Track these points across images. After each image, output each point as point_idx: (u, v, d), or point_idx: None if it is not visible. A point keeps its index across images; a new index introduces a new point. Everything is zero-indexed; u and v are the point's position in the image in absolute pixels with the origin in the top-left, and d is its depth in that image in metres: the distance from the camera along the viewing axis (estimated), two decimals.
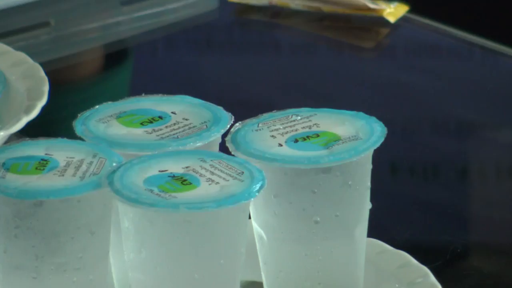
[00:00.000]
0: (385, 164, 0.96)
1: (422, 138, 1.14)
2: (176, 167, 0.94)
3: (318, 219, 0.95)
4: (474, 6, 1.64)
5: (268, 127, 0.97)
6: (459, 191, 1.19)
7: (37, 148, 0.98)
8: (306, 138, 0.97)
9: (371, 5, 1.25)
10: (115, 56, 1.33)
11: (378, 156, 0.95)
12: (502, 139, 1.23)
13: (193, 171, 0.93)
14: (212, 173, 0.92)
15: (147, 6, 1.29)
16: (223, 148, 0.96)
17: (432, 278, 0.96)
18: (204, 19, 1.32)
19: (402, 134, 0.99)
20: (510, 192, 1.18)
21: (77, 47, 1.27)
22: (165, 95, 1.03)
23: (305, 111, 0.99)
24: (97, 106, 1.03)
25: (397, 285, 0.97)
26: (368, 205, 0.96)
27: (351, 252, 0.97)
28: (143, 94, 1.02)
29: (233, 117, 0.97)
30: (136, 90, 1.04)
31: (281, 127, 0.97)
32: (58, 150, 0.97)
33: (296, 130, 0.98)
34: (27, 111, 1.09)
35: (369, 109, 0.98)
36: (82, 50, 1.27)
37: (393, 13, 1.23)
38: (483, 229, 1.16)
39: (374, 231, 0.97)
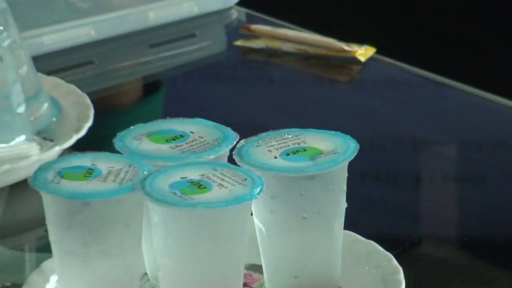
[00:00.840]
0: (357, 172, 0.97)
1: (386, 152, 1.15)
2: (193, 175, 0.94)
3: (305, 215, 0.95)
4: (428, 47, 1.61)
5: (265, 144, 0.97)
6: (414, 193, 1.19)
7: (85, 159, 0.97)
8: (295, 152, 0.97)
9: (346, 48, 1.25)
10: (145, 87, 1.34)
11: (352, 166, 0.95)
12: (447, 152, 1.24)
13: (207, 178, 0.93)
14: (222, 180, 0.93)
15: (170, 48, 1.29)
16: (231, 160, 0.96)
17: (395, 262, 0.96)
18: (215, 58, 1.33)
19: (371, 149, 1.00)
20: (452, 193, 1.19)
21: (115, 80, 1.27)
22: (185, 118, 1.03)
23: (294, 131, 0.99)
24: (131, 127, 1.03)
25: (367, 267, 0.97)
26: (344, 205, 0.96)
27: (330, 241, 0.97)
28: (167, 118, 1.02)
29: (238, 135, 0.98)
30: (164, 114, 1.05)
31: (276, 144, 0.97)
32: (102, 161, 0.97)
33: (287, 145, 0.98)
34: (77, 130, 1.10)
35: (345, 129, 0.98)
36: (119, 83, 1.27)
37: (363, 53, 1.23)
38: (433, 223, 1.17)
39: (349, 225, 0.97)
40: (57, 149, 1.08)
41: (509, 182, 1.17)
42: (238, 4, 1.31)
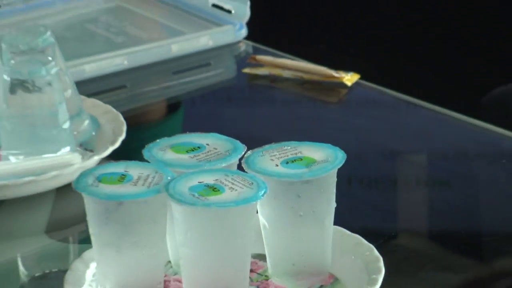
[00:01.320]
0: (344, 177, 0.97)
1: (368, 160, 1.17)
2: (209, 180, 0.94)
3: (301, 213, 0.95)
4: (401, 74, 1.60)
5: (268, 154, 0.98)
6: (392, 195, 1.20)
7: (119, 167, 0.98)
8: (293, 161, 0.97)
9: (335, 74, 1.25)
10: (168, 107, 1.34)
11: (340, 172, 0.95)
12: (418, 161, 1.24)
13: (220, 182, 0.93)
14: (233, 184, 0.93)
15: (189, 75, 1.29)
16: (240, 167, 0.97)
17: (376, 252, 0.96)
18: (226, 83, 1.34)
19: (356, 158, 1.00)
20: (422, 195, 1.19)
21: (144, 101, 1.27)
22: (201, 133, 1.03)
23: (292, 143, 0.99)
24: (157, 140, 1.03)
25: (353, 257, 0.97)
26: (334, 204, 0.96)
27: (322, 235, 0.97)
28: (187, 132, 1.03)
29: (245, 147, 0.98)
30: (184, 129, 1.05)
31: (277, 154, 0.97)
32: (133, 169, 0.97)
33: (287, 155, 0.98)
34: (112, 143, 1.11)
35: (334, 142, 0.98)
36: (147, 103, 1.28)
37: (349, 79, 1.23)
38: (407, 220, 1.17)
39: (338, 221, 0.98)
40: (96, 158, 1.09)
41: (469, 185, 1.18)
42: (246, 38, 1.32)
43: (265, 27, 1.37)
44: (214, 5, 1.32)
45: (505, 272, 0.40)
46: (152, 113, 1.38)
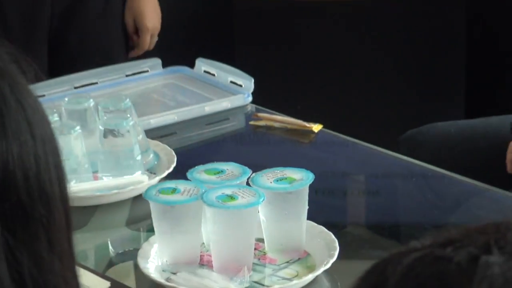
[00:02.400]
0: (313, 189, 0.98)
1: (328, 178, 1.15)
2: (228, 191, 0.94)
3: (286, 212, 0.96)
4: (347, 121, 1.62)
5: (265, 175, 0.97)
6: (346, 199, 1.20)
7: (172, 184, 0.98)
8: (281, 179, 0.97)
9: (307, 125, 1.24)
10: None
11: (310, 186, 0.96)
12: (363, 178, 1.24)
13: (235, 193, 0.93)
14: (243, 194, 0.93)
15: (215, 125, 1.30)
16: (247, 183, 0.98)
17: (333, 236, 0.96)
18: (239, 131, 1.33)
19: (320, 177, 0.99)
20: (363, 201, 1.20)
21: (187, 142, 1.30)
22: (224, 162, 1.05)
23: (280, 169, 0.99)
24: (196, 167, 1.02)
25: (318, 240, 0.97)
26: (306, 206, 0.97)
27: (300, 226, 0.97)
28: (214, 162, 1.04)
29: (251, 171, 0.99)
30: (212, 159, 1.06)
31: (271, 175, 0.97)
32: (180, 185, 0.97)
33: (277, 176, 0.97)
34: (167, 168, 1.11)
35: (307, 167, 0.99)
36: (189, 143, 1.28)
37: (316, 128, 1.22)
38: (353, 217, 1.17)
39: (309, 217, 0.98)
40: (157, 178, 1.08)
41: (391, 194, 1.18)
42: (251, 102, 1.33)
43: (263, 95, 1.37)
44: (232, 82, 1.35)
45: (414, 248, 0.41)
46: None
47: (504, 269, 0.38)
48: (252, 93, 1.32)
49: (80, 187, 1.04)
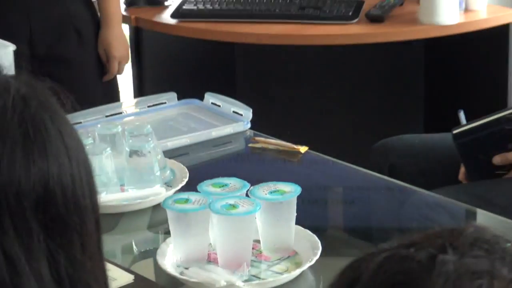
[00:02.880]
0: (300, 200, 0.97)
1: (313, 191, 1.14)
2: (231, 201, 0.94)
3: (278, 219, 0.96)
4: (322, 142, 1.53)
5: (262, 188, 0.97)
6: (325, 208, 1.19)
7: (185, 195, 0.97)
8: (274, 191, 0.96)
9: (295, 146, 1.23)
10: None
11: (298, 197, 0.95)
12: (338, 191, 1.24)
13: (237, 203, 0.93)
14: (243, 204, 0.93)
15: (220, 147, 1.29)
16: (247, 195, 0.97)
17: (316, 238, 0.95)
18: (240, 152, 1.32)
19: (306, 191, 0.99)
20: (341, 209, 1.19)
21: (197, 161, 1.28)
22: (228, 177, 1.03)
23: (274, 183, 0.98)
24: (205, 181, 1.01)
25: (304, 241, 0.96)
26: (295, 214, 0.96)
27: (289, 230, 0.96)
28: (219, 177, 1.03)
29: (250, 184, 0.98)
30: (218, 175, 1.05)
31: (266, 188, 0.97)
32: (192, 196, 0.96)
33: (270, 189, 0.97)
34: (181, 182, 1.10)
35: (295, 181, 0.98)
36: (198, 162, 1.28)
37: (302, 149, 1.22)
38: (333, 221, 1.17)
39: (297, 222, 0.97)
40: (173, 190, 1.07)
41: (363, 203, 1.17)
42: (250, 128, 1.32)
43: (259, 123, 1.36)
44: (234, 111, 1.34)
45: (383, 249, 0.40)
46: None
47: (457, 266, 0.38)
48: (251, 121, 1.31)
49: (109, 197, 1.03)
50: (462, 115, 1.33)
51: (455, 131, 1.31)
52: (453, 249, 0.39)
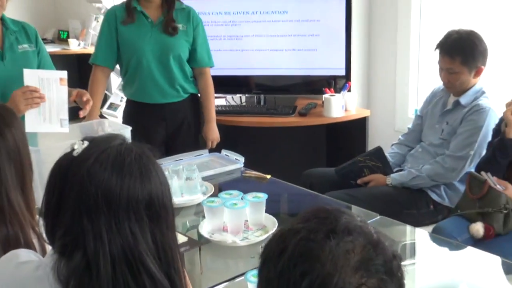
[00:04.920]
0: (267, 201, 0.89)
1: (274, 197, 1.03)
2: (234, 201, 0.88)
3: (257, 210, 0.90)
4: (284, 172, 1.26)
5: (249, 195, 0.91)
6: (282, 204, 1.10)
7: (212, 199, 0.92)
8: (255, 197, 0.90)
9: (264, 175, 1.11)
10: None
11: (267, 200, 0.90)
12: (296, 198, 1.11)
13: (236, 202, 0.89)
14: (240, 203, 0.89)
15: (224, 179, 1.14)
16: (242, 199, 0.91)
17: (275, 219, 0.89)
18: (237, 178, 1.17)
19: (271, 197, 0.91)
20: (290, 204, 1.11)
21: (217, 181, 1.14)
22: (232, 190, 0.95)
23: (254, 193, 0.92)
24: (221, 192, 0.96)
25: (271, 221, 0.89)
26: (264, 208, 0.90)
27: (262, 215, 0.90)
28: (228, 190, 0.97)
29: (242, 193, 0.93)
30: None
31: (250, 195, 0.90)
32: (215, 199, 0.92)
33: (253, 195, 0.91)
34: (210, 192, 1.04)
35: (265, 192, 0.92)
36: (218, 183, 1.13)
37: (268, 176, 1.11)
38: (285, 211, 1.10)
39: (266, 212, 0.91)
40: (206, 196, 1.01)
41: (298, 202, 1.09)
42: (243, 166, 1.18)
43: (248, 163, 1.18)
44: (236, 158, 1.20)
45: (297, 228, 0.38)
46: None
47: (337, 242, 0.33)
48: (244, 162, 1.23)
49: (176, 200, 0.89)
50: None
51: (336, 168, 1.32)
52: (335, 232, 0.34)
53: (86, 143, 0.47)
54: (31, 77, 0.83)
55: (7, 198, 0.55)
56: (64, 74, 0.87)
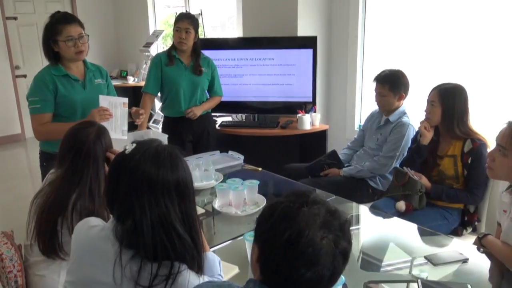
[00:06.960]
0: (259, 186, 0.85)
1: (262, 184, 0.90)
2: (237, 185, 0.86)
3: (252, 191, 0.87)
4: (273, 165, 1.19)
5: (247, 181, 0.87)
6: (270, 188, 1.03)
7: (222, 184, 0.88)
8: (251, 182, 0.87)
9: (258, 168, 1.04)
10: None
11: (259, 185, 0.88)
12: (277, 186, 1.03)
13: (238, 186, 0.86)
14: (241, 186, 0.86)
15: (232, 169, 1.10)
16: (241, 184, 0.87)
17: (264, 198, 0.86)
18: (239, 170, 1.11)
19: (261, 183, 0.86)
20: (276, 187, 1.03)
21: (225, 172, 1.09)
22: (235, 178, 0.91)
23: (249, 180, 0.88)
24: (228, 179, 0.91)
25: (261, 199, 0.87)
26: (257, 190, 0.87)
27: (256, 194, 0.87)
28: (233, 178, 0.92)
29: (242, 180, 0.89)
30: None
31: (247, 182, 0.88)
32: (224, 184, 0.88)
33: (250, 182, 0.88)
34: (220, 179, 1.00)
35: (258, 179, 0.89)
36: (225, 173, 1.07)
37: (260, 169, 1.02)
38: (271, 193, 1.00)
39: (258, 192, 0.89)
40: (217, 182, 0.96)
41: (285, 189, 1.02)
42: (243, 162, 1.12)
43: (246, 159, 1.10)
44: (238, 156, 1.14)
45: (282, 200, 0.37)
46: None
47: (309, 211, 0.33)
48: (243, 159, 1.20)
49: (196, 185, 0.90)
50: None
51: (306, 165, 1.27)
52: (307, 203, 0.35)
53: (134, 145, 0.49)
54: (104, 101, 0.93)
55: (98, 188, 0.64)
56: (125, 100, 0.97)
